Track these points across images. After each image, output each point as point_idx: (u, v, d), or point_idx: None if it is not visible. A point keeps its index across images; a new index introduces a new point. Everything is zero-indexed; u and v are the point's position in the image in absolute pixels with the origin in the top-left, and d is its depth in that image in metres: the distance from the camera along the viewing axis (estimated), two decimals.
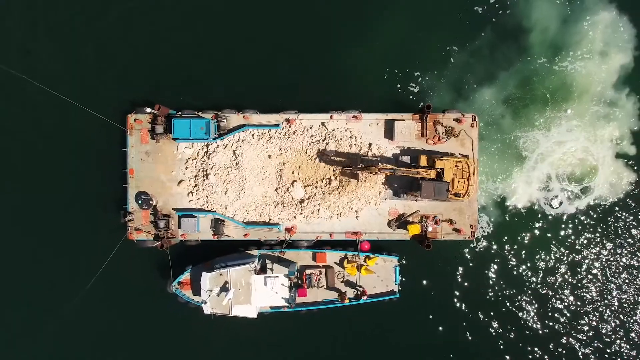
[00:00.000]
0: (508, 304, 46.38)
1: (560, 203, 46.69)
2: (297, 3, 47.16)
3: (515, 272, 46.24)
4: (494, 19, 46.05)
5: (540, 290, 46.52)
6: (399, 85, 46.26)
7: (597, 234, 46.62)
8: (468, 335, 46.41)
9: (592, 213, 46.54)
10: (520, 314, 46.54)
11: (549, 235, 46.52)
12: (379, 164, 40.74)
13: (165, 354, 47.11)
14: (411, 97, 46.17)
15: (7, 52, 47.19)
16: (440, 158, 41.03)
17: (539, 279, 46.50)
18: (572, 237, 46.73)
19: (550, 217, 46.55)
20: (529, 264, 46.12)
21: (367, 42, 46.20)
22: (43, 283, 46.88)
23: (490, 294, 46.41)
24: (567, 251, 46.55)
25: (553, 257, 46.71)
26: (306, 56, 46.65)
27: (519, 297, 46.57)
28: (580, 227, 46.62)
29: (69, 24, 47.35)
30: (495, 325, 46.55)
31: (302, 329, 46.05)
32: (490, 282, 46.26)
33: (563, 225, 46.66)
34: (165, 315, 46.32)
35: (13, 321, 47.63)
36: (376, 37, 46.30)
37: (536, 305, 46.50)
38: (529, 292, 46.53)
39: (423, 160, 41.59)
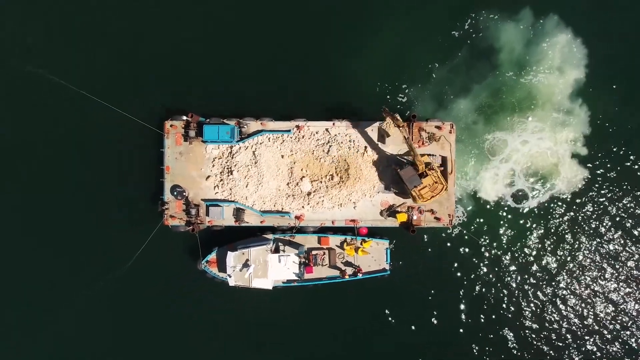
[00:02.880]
0: (478, 278, 52.10)
1: (524, 196, 52.10)
2: (306, 32, 52.42)
3: (484, 253, 52.06)
4: (468, 41, 51.75)
5: (505, 267, 52.18)
6: (389, 97, 51.82)
7: (556, 223, 52.20)
8: (447, 302, 52.01)
9: (551, 205, 52.07)
10: (487, 286, 52.08)
11: (513, 223, 52.02)
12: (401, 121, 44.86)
13: (195, 320, 52.14)
14: (399, 106, 51.52)
15: (64, 66, 51.89)
16: (433, 168, 46.53)
17: (504, 258, 52.04)
18: (533, 225, 52.16)
19: (514, 208, 52.00)
20: (496, 246, 51.91)
21: (363, 61, 51.51)
22: (92, 259, 51.80)
23: (463, 270, 52.10)
24: (527, 236, 52.22)
25: (516, 241, 52.10)
26: (313, 73, 51.98)
27: (487, 273, 52.12)
28: (540, 216, 52.08)
29: (117, 47, 52.55)
30: (466, 293, 51.92)
31: (309, 300, 51.56)
32: (464, 261, 52.10)
33: (526, 215, 52.08)
34: (195, 288, 51.57)
35: (69, 282, 52.06)
36: (370, 56, 51.62)
37: (500, 278, 52.16)
38: (495, 269, 52.19)
39: (426, 158, 47.06)
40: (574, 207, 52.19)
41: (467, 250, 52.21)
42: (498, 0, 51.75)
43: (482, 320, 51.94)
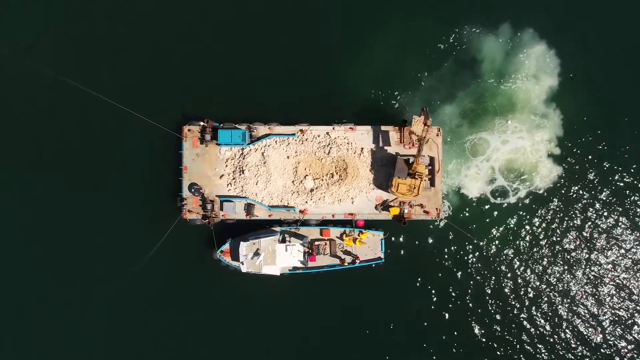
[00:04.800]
0: (462, 265, 55.43)
1: (504, 192, 55.51)
2: (308, 47, 55.66)
3: (466, 242, 55.38)
4: (454, 53, 55.52)
5: (483, 253, 55.40)
6: (382, 103, 55.29)
7: (532, 215, 55.59)
8: (433, 286, 55.16)
9: (529, 200, 55.48)
10: (470, 273, 55.41)
11: (494, 216, 55.45)
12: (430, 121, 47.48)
13: (211, 304, 55.10)
14: (392, 112, 54.91)
15: (95, 74, 55.09)
16: (421, 178, 49.69)
17: (486, 247, 55.36)
18: (511, 217, 55.59)
19: (495, 203, 55.46)
20: (478, 236, 55.08)
21: (360, 72, 54.96)
22: (119, 249, 54.60)
23: (448, 258, 55.28)
24: (503, 226, 55.62)
25: (497, 232, 55.48)
26: (315, 83, 55.14)
27: (470, 261, 55.45)
28: (518, 210, 55.49)
29: (141, 61, 55.85)
30: (450, 277, 55.16)
31: (313, 285, 54.60)
32: (449, 248, 55.39)
33: (506, 208, 55.45)
34: (211, 275, 54.70)
35: (92, 271, 54.96)
36: (366, 68, 55.09)
37: (481, 266, 55.47)
38: (476, 255, 55.46)
39: (423, 167, 50.31)
40: (550, 201, 55.55)
41: (452, 240, 55.52)
42: (479, 16, 55.49)
43: (464, 302, 55.40)
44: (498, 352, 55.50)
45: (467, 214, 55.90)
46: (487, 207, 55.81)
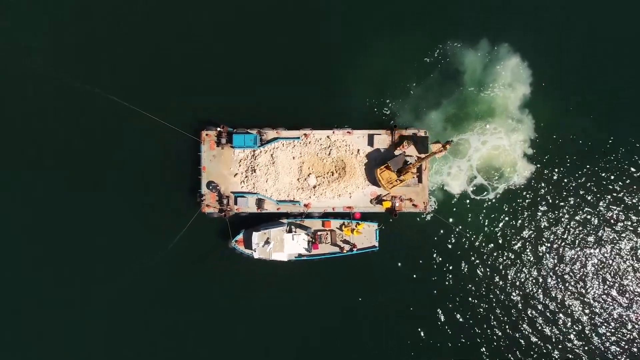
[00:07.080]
0: (445, 251, 58.88)
1: (483, 189, 59.40)
2: (311, 62, 58.63)
3: (451, 233, 59.20)
4: (439, 65, 59.49)
5: (466, 243, 58.92)
6: (375, 109, 59.18)
7: (509, 209, 59.28)
8: (421, 271, 58.65)
9: (506, 194, 59.25)
10: (452, 258, 58.91)
11: (475, 209, 59.20)
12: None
13: (227, 287, 57.98)
14: (384, 117, 58.98)
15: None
16: (403, 181, 53.68)
17: (468, 236, 59.04)
18: (490, 210, 59.31)
19: (475, 198, 59.29)
20: (460, 227, 58.88)
21: (356, 83, 58.44)
22: (143, 240, 57.19)
23: (434, 246, 59.01)
24: (483, 218, 59.41)
25: (475, 223, 59.16)
26: (316, 93, 58.40)
27: (453, 248, 59.01)
28: (497, 204, 59.17)
29: (164, 71, 58.31)
30: (438, 263, 58.49)
31: (316, 270, 58.01)
32: (435, 238, 59.13)
33: (483, 203, 59.27)
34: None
35: (119, 258, 56.94)
36: (361, 79, 58.55)
37: (461, 252, 58.85)
38: (460, 245, 58.98)
39: (410, 175, 54.48)
40: (525, 197, 58.97)
41: (437, 229, 59.02)
42: (461, 33, 59.39)
43: (449, 287, 59.34)
44: (485, 340, 59.02)
45: (451, 208, 59.23)
46: (467, 202, 59.17)
